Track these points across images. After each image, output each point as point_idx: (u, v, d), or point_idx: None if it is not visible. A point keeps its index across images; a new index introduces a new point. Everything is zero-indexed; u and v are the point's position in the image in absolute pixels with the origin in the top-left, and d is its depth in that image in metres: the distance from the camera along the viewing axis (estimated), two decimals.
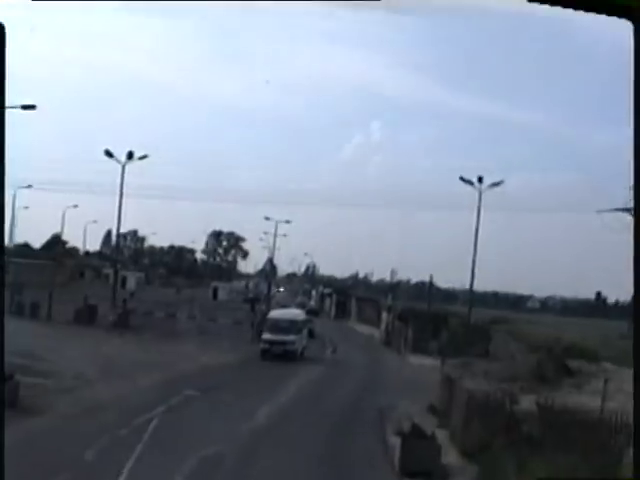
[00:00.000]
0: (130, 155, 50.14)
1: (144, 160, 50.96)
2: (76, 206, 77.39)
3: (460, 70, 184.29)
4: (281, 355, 37.40)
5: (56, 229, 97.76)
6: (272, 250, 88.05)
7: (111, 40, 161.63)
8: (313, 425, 23.05)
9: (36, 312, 46.37)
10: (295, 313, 44.91)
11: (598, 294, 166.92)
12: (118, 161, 50.17)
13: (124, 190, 49.57)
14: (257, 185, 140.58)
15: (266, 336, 38.14)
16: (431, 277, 61.87)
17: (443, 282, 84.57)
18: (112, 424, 19.23)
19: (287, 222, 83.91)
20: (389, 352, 49.70)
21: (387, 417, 24.56)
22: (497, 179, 48.78)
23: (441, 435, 20.12)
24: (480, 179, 47.65)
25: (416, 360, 43.22)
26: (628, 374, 6.67)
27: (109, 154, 50.50)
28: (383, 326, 55.79)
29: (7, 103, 3.90)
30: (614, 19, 4.59)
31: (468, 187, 47.45)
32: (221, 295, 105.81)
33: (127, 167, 50.07)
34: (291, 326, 38.87)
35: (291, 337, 38.34)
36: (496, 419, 19.61)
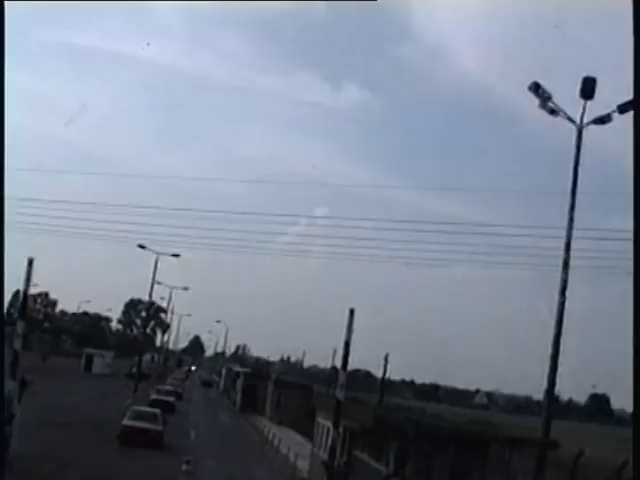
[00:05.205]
0: None
1: None
2: None
3: (408, 162, 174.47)
4: None
5: None
6: (152, 290, 61.86)
7: (59, 111, 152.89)
8: None
9: None
10: None
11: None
12: None
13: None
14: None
15: None
16: (386, 358, 50.15)
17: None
18: None
19: (175, 256, 58.05)
20: None
21: None
22: None
23: None
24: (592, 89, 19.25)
25: None
26: None
27: None
28: (322, 450, 24.35)
29: None
30: None
31: None
32: (97, 367, 78.53)
33: None
34: None
35: None
36: None
